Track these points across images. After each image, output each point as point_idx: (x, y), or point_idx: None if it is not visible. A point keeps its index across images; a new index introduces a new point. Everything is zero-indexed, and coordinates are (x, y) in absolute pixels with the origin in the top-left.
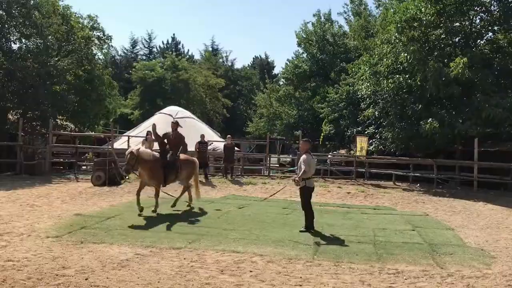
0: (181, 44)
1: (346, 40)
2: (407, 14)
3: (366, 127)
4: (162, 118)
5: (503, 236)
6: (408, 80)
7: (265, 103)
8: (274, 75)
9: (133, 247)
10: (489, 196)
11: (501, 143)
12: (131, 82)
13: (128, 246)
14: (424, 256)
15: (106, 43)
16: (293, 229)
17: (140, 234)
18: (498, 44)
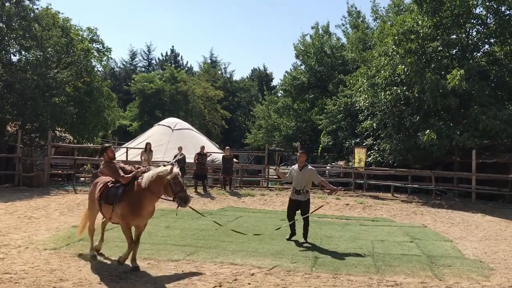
0: (180, 56)
1: (344, 52)
2: (404, 27)
3: (364, 138)
4: (161, 129)
5: (501, 248)
6: (406, 92)
7: (263, 115)
8: (272, 87)
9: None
10: (488, 207)
11: (499, 155)
12: (130, 94)
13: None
14: (423, 268)
15: (105, 55)
16: (292, 241)
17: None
18: (495, 56)
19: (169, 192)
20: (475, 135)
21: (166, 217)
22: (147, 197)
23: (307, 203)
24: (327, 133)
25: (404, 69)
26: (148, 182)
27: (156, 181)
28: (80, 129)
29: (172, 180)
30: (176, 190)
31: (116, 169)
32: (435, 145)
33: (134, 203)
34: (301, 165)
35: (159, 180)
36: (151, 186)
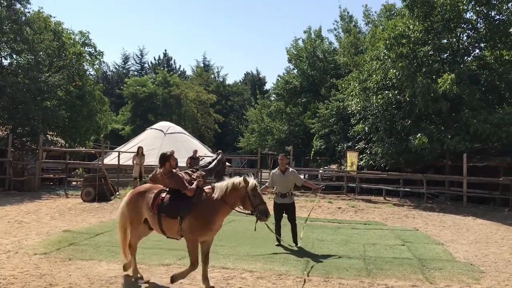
0: (172, 60)
1: (336, 56)
2: (396, 31)
3: (356, 142)
4: (153, 133)
5: (492, 251)
6: (397, 96)
7: (256, 119)
8: (265, 91)
9: (122, 264)
10: (479, 211)
11: (489, 158)
12: (122, 98)
13: (117, 263)
14: (414, 271)
15: (97, 59)
16: (283, 244)
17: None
18: (485, 61)
19: (247, 205)
20: (466, 138)
21: None
22: (220, 209)
23: (293, 205)
24: (319, 137)
25: (396, 73)
26: (222, 193)
27: (232, 192)
28: (72, 133)
29: (251, 192)
30: (256, 203)
31: (183, 180)
32: (427, 148)
33: (206, 215)
34: (283, 168)
35: (235, 191)
36: (226, 198)
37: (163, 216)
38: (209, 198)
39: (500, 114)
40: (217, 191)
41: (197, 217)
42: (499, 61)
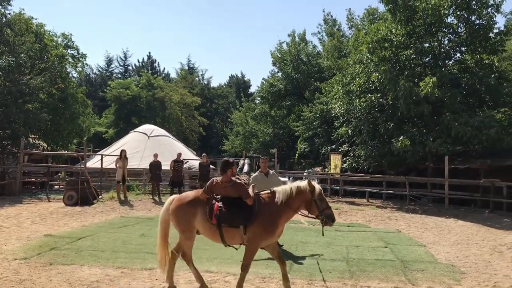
0: (157, 63)
1: (320, 60)
2: (378, 35)
3: (340, 145)
4: (137, 136)
5: (472, 252)
6: (380, 99)
7: (241, 121)
8: (250, 94)
9: (104, 268)
10: (460, 212)
11: (470, 161)
12: (106, 101)
13: (99, 267)
14: (396, 273)
15: (80, 61)
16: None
17: (111, 254)
18: (466, 64)
19: (313, 209)
20: (447, 141)
21: (141, 225)
22: (284, 214)
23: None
24: (303, 140)
25: (378, 76)
26: (287, 198)
27: (297, 197)
28: (54, 136)
29: (318, 197)
30: (322, 207)
31: (246, 188)
32: (409, 151)
33: (271, 221)
34: (265, 171)
35: (300, 195)
36: (290, 202)
37: (224, 226)
38: (272, 203)
39: (480, 117)
40: (280, 196)
41: (261, 224)
42: (479, 65)
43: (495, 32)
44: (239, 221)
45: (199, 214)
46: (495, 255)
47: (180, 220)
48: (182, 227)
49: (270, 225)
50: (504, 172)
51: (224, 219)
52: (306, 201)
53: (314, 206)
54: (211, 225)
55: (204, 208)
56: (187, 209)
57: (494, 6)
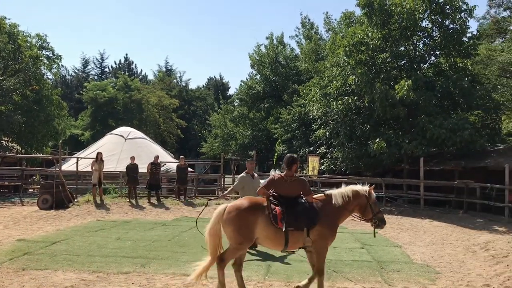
0: (134, 64)
1: (298, 62)
2: (355, 38)
3: (317, 147)
4: (113, 139)
5: (447, 252)
6: (357, 102)
7: (219, 124)
8: (228, 96)
9: (79, 272)
10: (435, 213)
11: (445, 162)
12: (82, 103)
13: (74, 272)
14: (373, 273)
15: (55, 63)
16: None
17: (87, 259)
18: (440, 68)
19: (367, 212)
20: (422, 143)
21: (117, 229)
22: (342, 216)
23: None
24: (282, 142)
25: (355, 79)
26: (345, 200)
27: (354, 200)
28: (28, 139)
29: (373, 202)
30: (376, 211)
31: (308, 184)
32: (385, 153)
33: (332, 223)
34: (251, 172)
35: (357, 199)
36: (347, 205)
37: (290, 230)
38: (329, 205)
39: (454, 120)
40: (337, 198)
41: (325, 225)
42: (453, 68)
43: (468, 36)
44: (303, 223)
45: (261, 220)
46: (469, 255)
47: (241, 229)
48: (242, 236)
49: (333, 226)
50: (477, 173)
51: (290, 223)
52: (361, 204)
53: (369, 210)
54: (276, 230)
55: (265, 214)
56: (248, 217)
57: (467, 11)
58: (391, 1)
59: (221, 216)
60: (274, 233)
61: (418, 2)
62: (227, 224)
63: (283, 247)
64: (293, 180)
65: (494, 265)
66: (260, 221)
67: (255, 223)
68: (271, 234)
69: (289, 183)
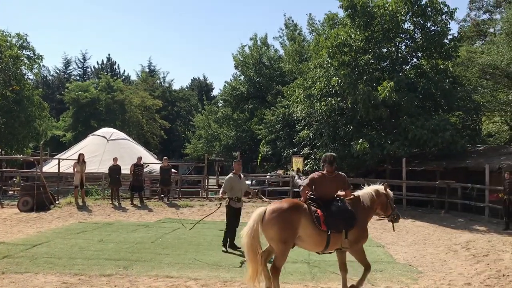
0: (116, 65)
1: (282, 64)
2: (338, 40)
3: (301, 148)
4: (96, 140)
5: (429, 252)
6: (340, 103)
7: (203, 125)
8: (212, 97)
9: (61, 275)
10: (417, 213)
11: (427, 163)
12: (63, 103)
13: (55, 275)
14: (356, 273)
15: (36, 63)
16: (230, 251)
17: (68, 261)
18: (422, 69)
19: (388, 210)
20: (404, 144)
21: (100, 231)
22: (370, 216)
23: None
24: (266, 143)
25: (338, 80)
26: (372, 201)
27: (378, 199)
28: (9, 140)
29: (391, 199)
30: (394, 207)
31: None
32: (368, 153)
33: (364, 223)
34: (238, 173)
35: (379, 198)
36: (373, 205)
37: (333, 232)
38: (359, 207)
39: (436, 121)
40: (365, 200)
41: (360, 226)
42: (435, 70)
43: (449, 39)
44: (343, 226)
45: (304, 221)
46: (450, 254)
47: (285, 229)
48: (286, 236)
49: (365, 227)
50: (458, 173)
51: (331, 225)
52: (383, 203)
53: (389, 207)
54: (320, 232)
55: (307, 215)
56: (291, 217)
57: (448, 13)
58: (374, 3)
59: (261, 218)
60: (317, 235)
61: (400, 4)
62: (271, 225)
63: (323, 249)
64: (333, 176)
65: (475, 264)
66: (303, 221)
67: (298, 223)
68: (313, 235)
69: (330, 179)
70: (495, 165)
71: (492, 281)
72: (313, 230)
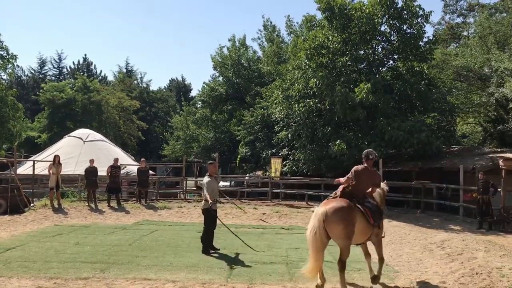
0: (93, 65)
1: (260, 65)
2: (316, 42)
3: (280, 149)
4: (72, 141)
5: (405, 251)
6: (318, 104)
7: (181, 126)
8: (191, 98)
9: (35, 279)
10: (394, 213)
11: (403, 163)
12: (38, 104)
13: (30, 279)
14: (334, 273)
15: (10, 63)
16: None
17: (43, 265)
18: (398, 71)
19: (383, 204)
20: (381, 145)
21: (76, 233)
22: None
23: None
24: (245, 144)
25: (316, 82)
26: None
27: (384, 197)
28: None
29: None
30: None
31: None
32: (345, 154)
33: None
34: (213, 175)
35: (384, 196)
36: (381, 201)
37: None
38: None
39: (411, 122)
40: (379, 199)
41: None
42: (411, 72)
43: (425, 41)
44: (380, 219)
45: (359, 217)
46: (426, 253)
47: (349, 225)
48: (350, 231)
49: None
50: (434, 174)
51: (376, 219)
52: (382, 198)
53: (384, 201)
54: (368, 226)
55: (360, 212)
56: (352, 213)
57: (423, 16)
58: (351, 6)
59: (324, 216)
60: (366, 229)
61: (377, 7)
62: (337, 223)
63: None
64: (373, 170)
65: (449, 262)
66: (358, 217)
67: (355, 219)
68: (363, 229)
69: (371, 172)
70: (469, 165)
71: (466, 279)
72: (365, 225)
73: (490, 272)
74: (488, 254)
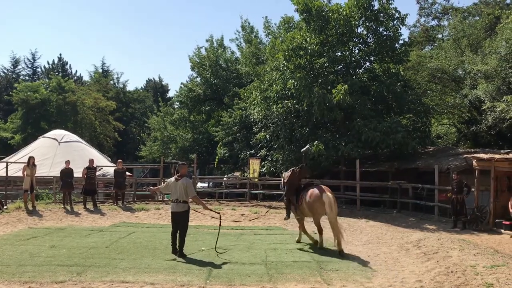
0: (68, 65)
1: (238, 66)
2: (294, 43)
3: (258, 149)
4: (46, 142)
5: (382, 251)
6: (296, 105)
7: (159, 126)
8: (168, 98)
9: (9, 283)
10: (371, 213)
11: (379, 164)
12: (11, 104)
13: (3, 283)
14: (313, 274)
15: None
16: (187, 254)
17: (18, 269)
18: (375, 73)
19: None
20: (358, 145)
21: (51, 236)
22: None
23: (184, 214)
24: (223, 145)
25: (294, 83)
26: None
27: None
28: None
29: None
30: None
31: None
32: (323, 155)
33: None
34: (179, 177)
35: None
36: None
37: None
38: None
39: (388, 123)
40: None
41: None
42: (387, 74)
43: (401, 43)
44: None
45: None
46: (403, 253)
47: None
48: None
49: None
50: (410, 174)
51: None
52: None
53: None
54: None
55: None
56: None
57: (399, 19)
58: (329, 8)
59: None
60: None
61: (354, 9)
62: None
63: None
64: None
65: (425, 261)
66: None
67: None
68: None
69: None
70: (444, 166)
71: (441, 278)
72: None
73: (464, 270)
74: (463, 253)
